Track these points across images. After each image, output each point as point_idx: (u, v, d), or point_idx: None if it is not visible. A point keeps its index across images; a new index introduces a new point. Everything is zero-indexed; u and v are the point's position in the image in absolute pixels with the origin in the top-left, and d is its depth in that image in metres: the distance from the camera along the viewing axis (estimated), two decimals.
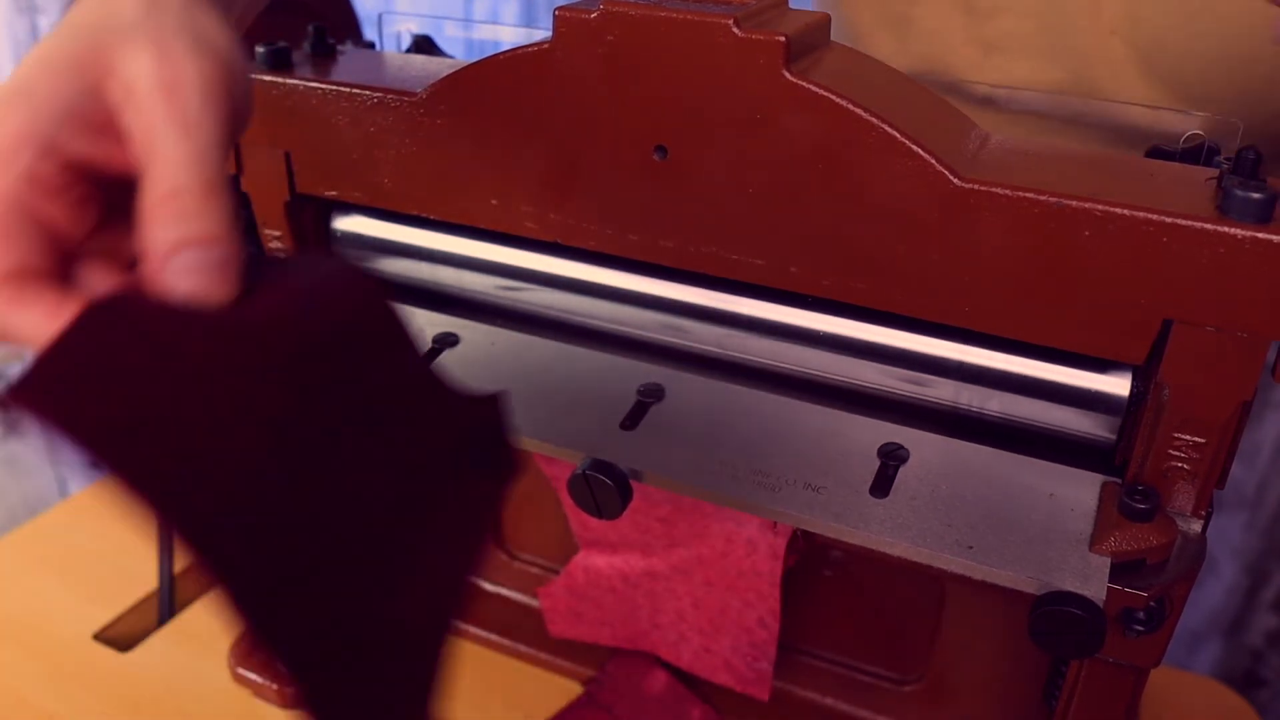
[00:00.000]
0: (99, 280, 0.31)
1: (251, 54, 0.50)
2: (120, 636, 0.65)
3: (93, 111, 0.31)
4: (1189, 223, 0.35)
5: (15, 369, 1.31)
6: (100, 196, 0.32)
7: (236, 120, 0.33)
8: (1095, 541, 0.39)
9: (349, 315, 0.30)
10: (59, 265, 0.31)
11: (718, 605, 0.54)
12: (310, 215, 0.53)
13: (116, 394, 0.26)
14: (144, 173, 0.30)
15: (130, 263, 0.32)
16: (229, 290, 0.29)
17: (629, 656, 0.59)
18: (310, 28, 0.52)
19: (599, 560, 0.56)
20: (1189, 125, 0.53)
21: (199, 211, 0.29)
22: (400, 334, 0.31)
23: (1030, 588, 0.38)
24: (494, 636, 0.62)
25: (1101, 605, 0.37)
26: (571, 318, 0.49)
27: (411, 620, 0.31)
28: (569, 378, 0.48)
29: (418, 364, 0.32)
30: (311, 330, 0.29)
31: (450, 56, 0.58)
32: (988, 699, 0.53)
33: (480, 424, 0.33)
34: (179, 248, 0.29)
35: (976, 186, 0.37)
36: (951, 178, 0.38)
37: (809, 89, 0.38)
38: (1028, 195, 0.37)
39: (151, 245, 0.29)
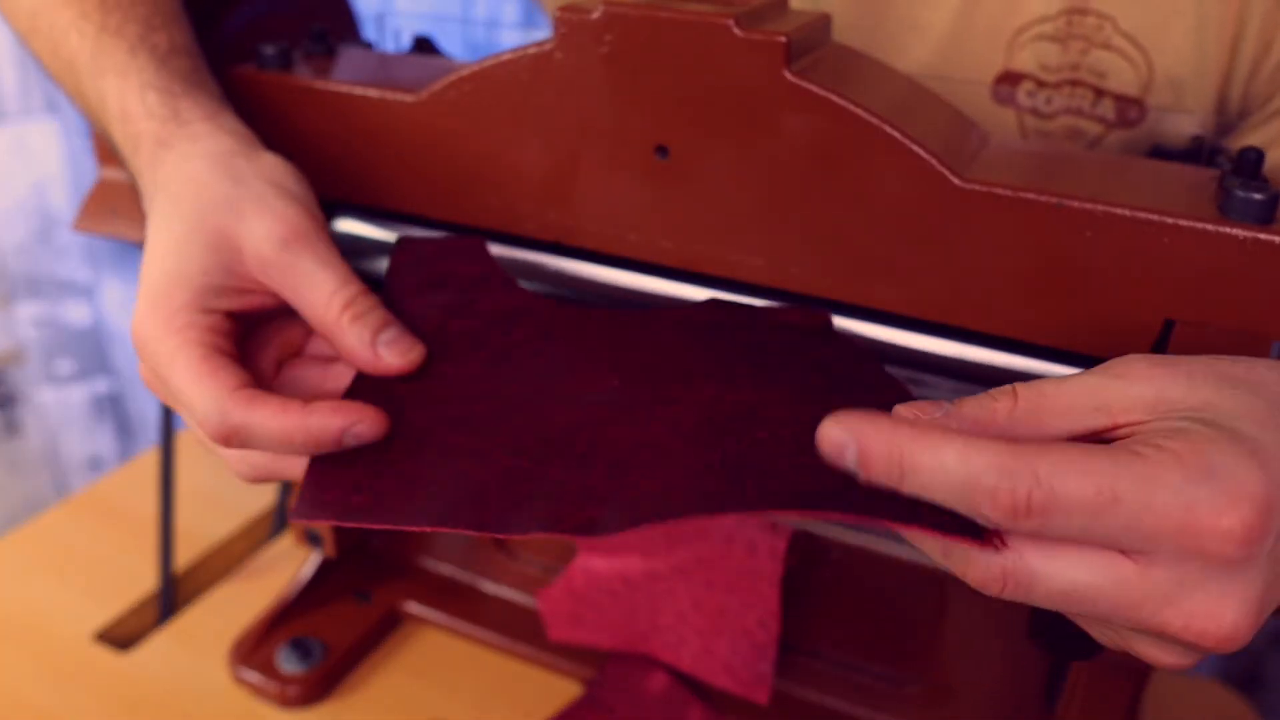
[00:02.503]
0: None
1: (252, 54, 0.50)
2: (120, 636, 0.65)
3: (234, 283, 0.40)
4: (1190, 223, 0.35)
5: (14, 371, 1.31)
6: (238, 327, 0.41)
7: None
8: None
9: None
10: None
11: (718, 606, 0.54)
12: None
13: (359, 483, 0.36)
14: (304, 304, 0.40)
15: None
16: (420, 352, 0.40)
17: (629, 657, 0.59)
18: (310, 28, 0.52)
19: (598, 562, 0.56)
20: (1189, 125, 0.53)
21: (370, 308, 0.40)
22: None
23: None
24: (494, 636, 0.62)
25: None
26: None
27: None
28: None
29: None
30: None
31: (450, 56, 0.58)
32: (988, 700, 0.53)
33: None
34: (375, 336, 0.40)
35: (976, 187, 0.37)
36: (951, 178, 0.37)
37: (809, 89, 0.38)
38: (1028, 195, 0.37)
39: (352, 346, 0.40)
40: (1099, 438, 0.30)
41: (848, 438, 0.29)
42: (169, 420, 0.65)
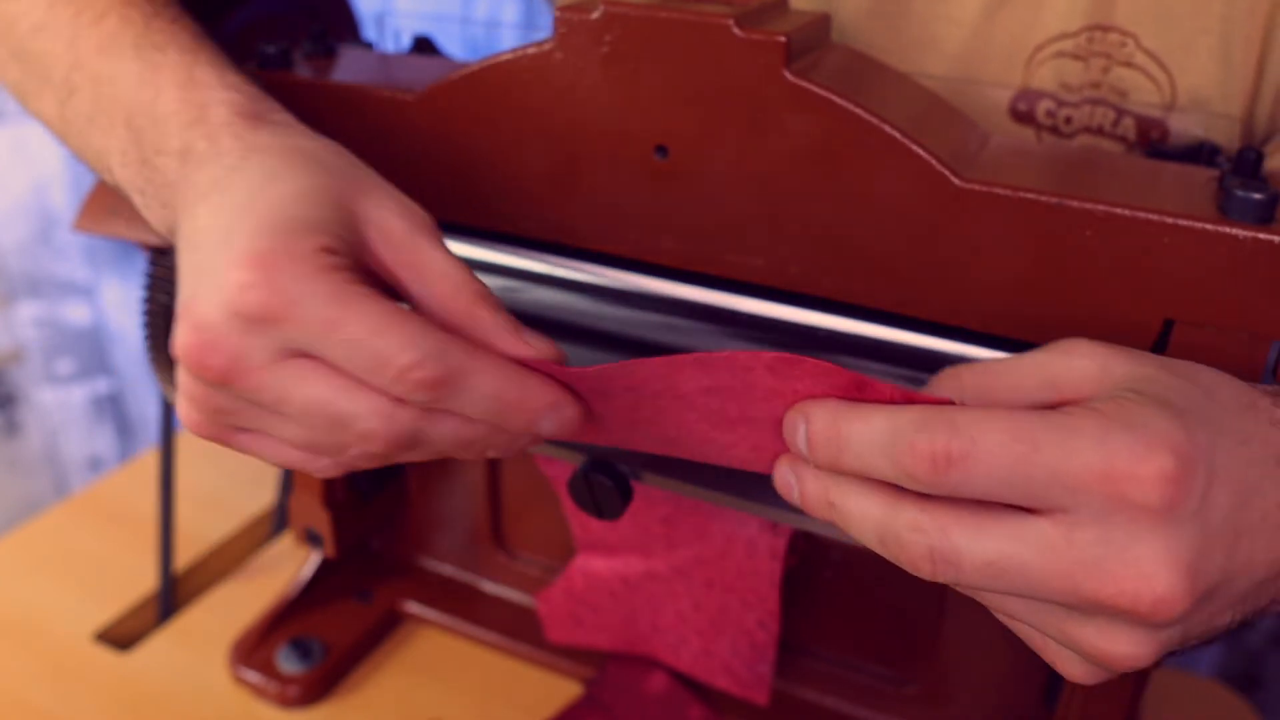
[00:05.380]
0: None
1: (252, 54, 0.50)
2: (120, 636, 0.65)
3: (352, 246, 0.35)
4: (1190, 223, 0.35)
5: (14, 371, 1.31)
6: None
7: None
8: None
9: None
10: None
11: (717, 606, 0.54)
12: None
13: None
14: (430, 290, 0.35)
15: None
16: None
17: (629, 657, 0.59)
18: (310, 28, 0.52)
19: (598, 563, 0.56)
20: (1189, 125, 0.53)
21: (499, 305, 0.36)
22: None
23: None
24: (494, 637, 0.62)
25: None
26: (571, 318, 0.49)
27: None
28: None
29: None
30: None
31: (450, 56, 0.58)
32: (988, 700, 0.53)
33: None
34: (517, 326, 0.35)
35: (976, 186, 0.37)
36: (951, 178, 0.37)
37: (809, 89, 0.38)
38: (1028, 195, 0.37)
39: (492, 330, 0.35)
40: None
41: (798, 417, 0.31)
42: (169, 420, 0.65)
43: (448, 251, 0.36)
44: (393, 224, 0.36)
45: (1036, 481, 0.28)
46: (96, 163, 0.45)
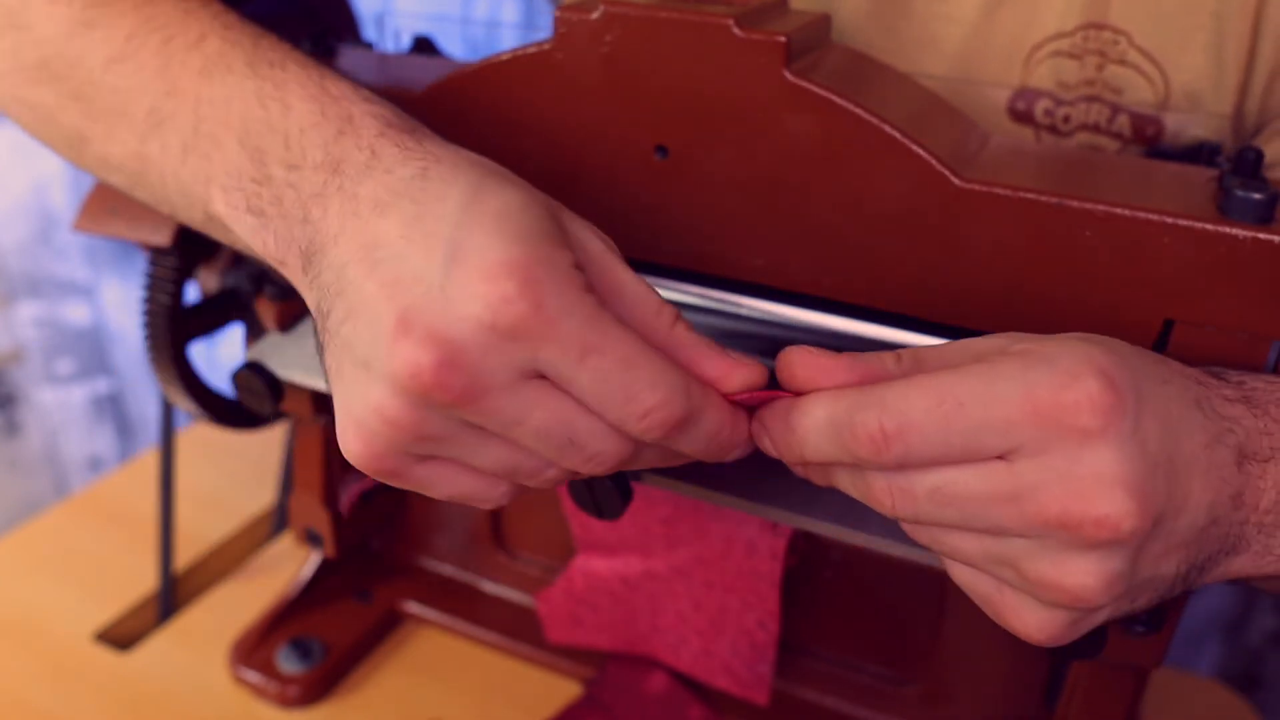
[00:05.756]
0: None
1: None
2: (120, 636, 0.65)
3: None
4: (1190, 223, 0.35)
5: (14, 371, 1.31)
6: None
7: None
8: None
9: None
10: None
11: (717, 606, 0.54)
12: None
13: None
14: (629, 309, 0.34)
15: None
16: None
17: (629, 657, 0.59)
18: (310, 28, 0.52)
19: (598, 563, 0.56)
20: (1183, 121, 0.53)
21: (689, 325, 0.34)
22: None
23: None
24: (494, 637, 0.62)
25: None
26: None
27: None
28: None
29: None
30: None
31: (450, 56, 0.58)
32: (988, 700, 0.53)
33: None
34: (720, 354, 0.34)
35: (976, 186, 0.37)
36: (951, 178, 0.37)
37: (809, 89, 0.38)
38: (1028, 195, 0.37)
39: (701, 354, 0.34)
40: None
41: (759, 429, 0.34)
42: (169, 420, 0.65)
43: (635, 272, 0.35)
44: (592, 244, 0.34)
45: (970, 434, 0.29)
46: (182, 198, 0.41)
